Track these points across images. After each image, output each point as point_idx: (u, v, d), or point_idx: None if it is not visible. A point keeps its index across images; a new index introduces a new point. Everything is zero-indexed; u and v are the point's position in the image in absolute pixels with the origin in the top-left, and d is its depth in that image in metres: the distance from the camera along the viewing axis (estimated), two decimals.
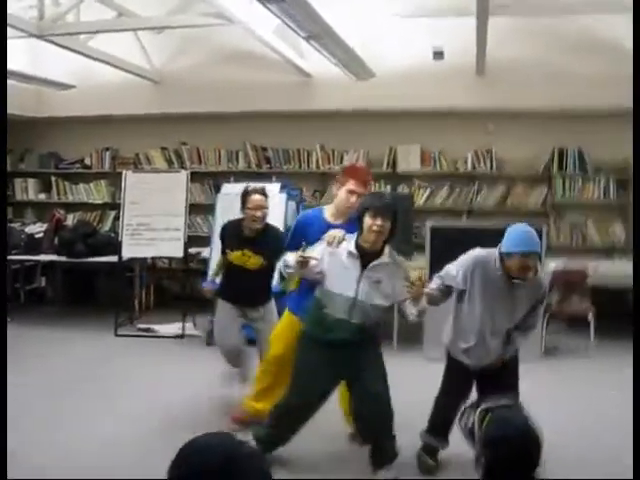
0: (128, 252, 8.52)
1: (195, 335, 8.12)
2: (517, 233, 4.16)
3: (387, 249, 4.23)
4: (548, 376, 6.65)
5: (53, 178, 10.84)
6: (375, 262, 4.16)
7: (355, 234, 4.25)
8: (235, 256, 5.39)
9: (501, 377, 4.33)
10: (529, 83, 8.67)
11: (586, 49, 8.45)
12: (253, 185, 5.56)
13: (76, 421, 5.41)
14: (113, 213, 10.46)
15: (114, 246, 8.74)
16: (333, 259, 4.22)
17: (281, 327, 5.05)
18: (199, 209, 10.09)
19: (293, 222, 5.35)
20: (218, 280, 5.79)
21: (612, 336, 7.71)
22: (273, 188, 7.09)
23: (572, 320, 8.03)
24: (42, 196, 10.94)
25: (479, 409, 2.85)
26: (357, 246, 4.19)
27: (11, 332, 4.63)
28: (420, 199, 9.57)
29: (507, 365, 4.41)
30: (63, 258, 8.91)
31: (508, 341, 4.36)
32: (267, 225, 5.43)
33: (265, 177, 9.11)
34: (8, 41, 7.46)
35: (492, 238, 4.32)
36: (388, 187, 9.72)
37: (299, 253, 4.19)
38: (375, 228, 4.09)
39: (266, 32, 7.55)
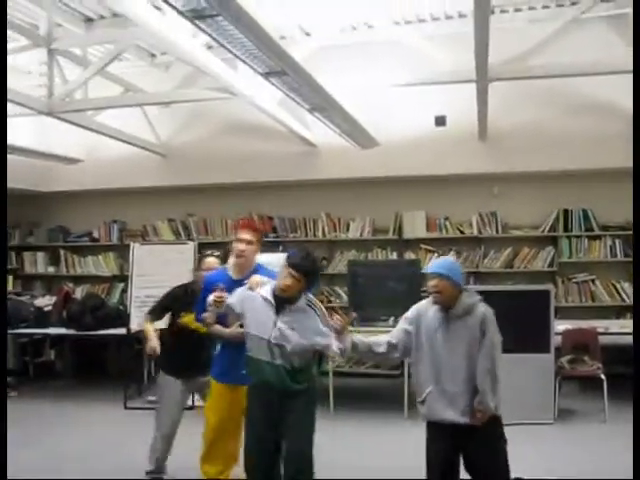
0: (137, 324, 8.49)
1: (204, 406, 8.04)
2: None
3: (303, 297, 4.33)
4: (563, 440, 6.56)
5: (62, 251, 10.93)
6: (288, 308, 4.28)
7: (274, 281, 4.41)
8: (188, 319, 5.30)
9: (484, 443, 4.11)
10: (531, 146, 8.79)
11: (587, 110, 8.59)
12: (209, 251, 5.76)
13: None
14: (121, 285, 10.50)
15: (122, 318, 8.74)
16: (250, 302, 4.38)
17: (211, 399, 5.02)
18: None
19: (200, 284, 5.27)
20: None
21: (625, 397, 7.61)
22: (280, 257, 7.08)
23: (584, 381, 7.96)
24: (51, 269, 11.01)
25: None
26: (274, 293, 4.32)
27: (19, 406, 4.63)
28: (427, 264, 9.56)
29: (488, 431, 4.13)
30: (72, 331, 8.89)
31: (474, 391, 4.10)
32: None
33: (272, 246, 9.16)
34: (17, 119, 7.64)
35: (497, 300, 4.32)
36: (395, 254, 9.77)
37: (215, 293, 4.42)
38: (285, 282, 4.24)
39: (270, 104, 7.69)
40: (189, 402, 5.98)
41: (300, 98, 6.34)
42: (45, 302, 9.61)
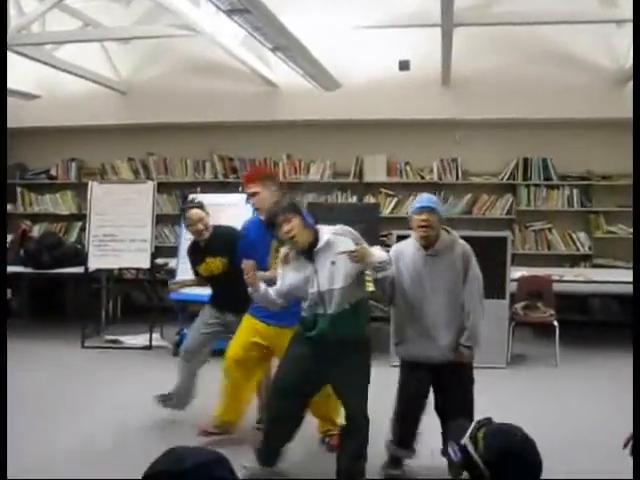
0: (94, 263, 8.45)
1: (162, 346, 8.08)
2: (415, 200, 4.31)
3: (321, 234, 4.15)
4: (515, 384, 6.71)
5: (19, 189, 10.74)
6: (315, 249, 4.11)
7: None
8: (203, 268, 5.43)
9: (456, 382, 4.24)
10: (494, 93, 8.79)
11: (551, 60, 8.58)
12: (189, 200, 5.74)
13: (43, 435, 5.37)
14: (79, 224, 10.38)
15: (80, 257, 8.68)
16: (289, 270, 4.22)
17: (239, 330, 5.01)
18: (166, 220, 10.07)
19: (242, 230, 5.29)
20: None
21: (576, 343, 7.83)
22: (239, 199, 7.07)
23: (537, 327, 8.13)
24: (8, 207, 10.82)
25: (471, 427, 2.61)
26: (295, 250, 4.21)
27: None
28: (387, 209, 9.64)
29: (461, 371, 4.27)
30: (29, 269, 8.82)
31: (458, 332, 4.22)
32: (214, 228, 5.47)
33: (232, 187, 9.12)
34: None
35: None
36: (355, 197, 9.78)
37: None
38: (285, 236, 4.11)
39: (233, 43, 7.57)
40: None
41: (263, 37, 6.24)
42: None
